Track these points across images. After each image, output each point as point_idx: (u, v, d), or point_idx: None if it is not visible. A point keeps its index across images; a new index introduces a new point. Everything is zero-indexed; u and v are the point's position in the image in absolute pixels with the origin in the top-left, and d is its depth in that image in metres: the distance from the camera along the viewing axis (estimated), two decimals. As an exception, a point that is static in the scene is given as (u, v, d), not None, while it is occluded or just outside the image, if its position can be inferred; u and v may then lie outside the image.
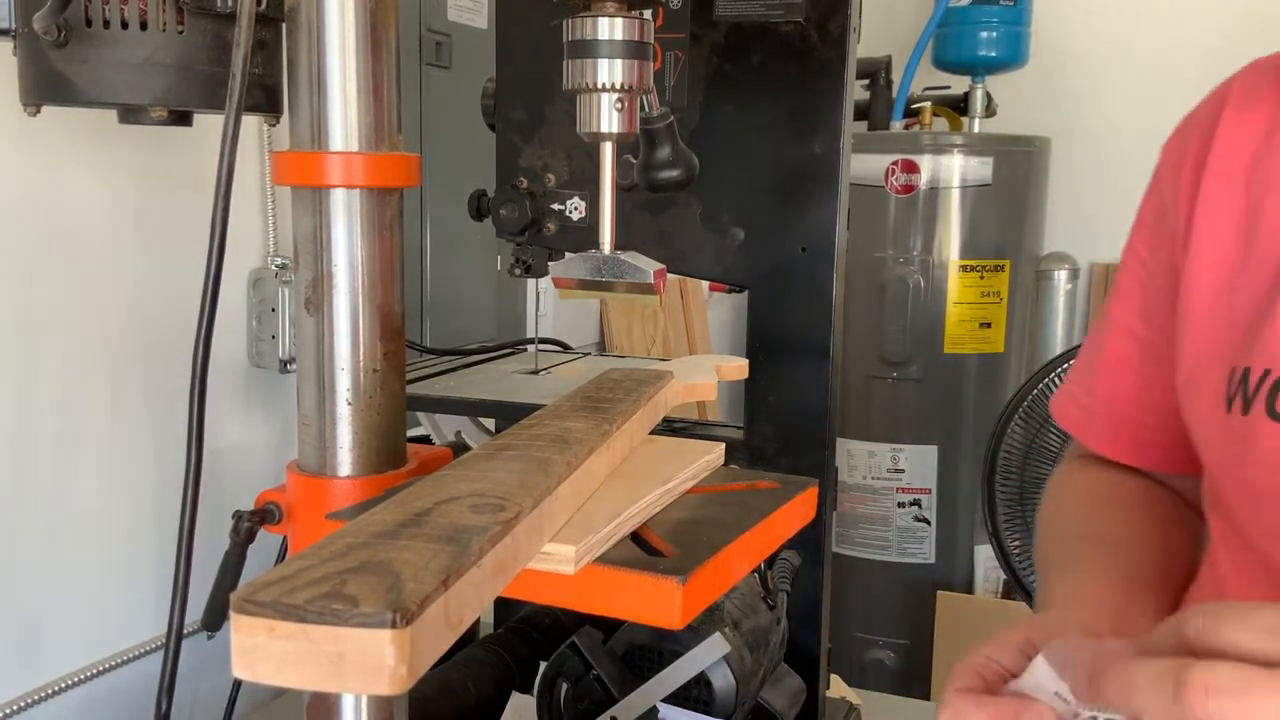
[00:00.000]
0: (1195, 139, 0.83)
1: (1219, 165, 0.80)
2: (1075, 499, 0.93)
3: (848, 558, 2.63)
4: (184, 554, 0.76)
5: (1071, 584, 0.79)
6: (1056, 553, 0.86)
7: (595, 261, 0.84)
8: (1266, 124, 0.79)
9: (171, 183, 1.29)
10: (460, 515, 0.53)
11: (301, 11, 0.73)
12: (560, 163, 1.14)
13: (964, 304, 2.51)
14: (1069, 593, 0.78)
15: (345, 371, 0.76)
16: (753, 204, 1.10)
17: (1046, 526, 0.93)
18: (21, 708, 1.17)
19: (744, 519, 0.68)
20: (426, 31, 1.69)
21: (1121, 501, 0.89)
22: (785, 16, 1.07)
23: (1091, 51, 2.83)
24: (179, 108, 0.86)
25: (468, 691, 1.06)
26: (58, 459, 1.20)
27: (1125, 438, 0.90)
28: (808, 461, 1.11)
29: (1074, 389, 0.94)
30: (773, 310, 1.12)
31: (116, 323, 1.25)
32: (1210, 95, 0.85)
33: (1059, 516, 0.92)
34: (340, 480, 0.76)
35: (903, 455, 2.57)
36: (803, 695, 1.11)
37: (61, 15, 0.80)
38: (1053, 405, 0.97)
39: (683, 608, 0.58)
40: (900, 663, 2.64)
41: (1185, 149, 0.84)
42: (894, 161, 2.50)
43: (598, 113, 0.79)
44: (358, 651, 0.41)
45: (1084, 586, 0.78)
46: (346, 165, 0.73)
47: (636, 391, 0.80)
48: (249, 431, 1.44)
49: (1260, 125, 0.79)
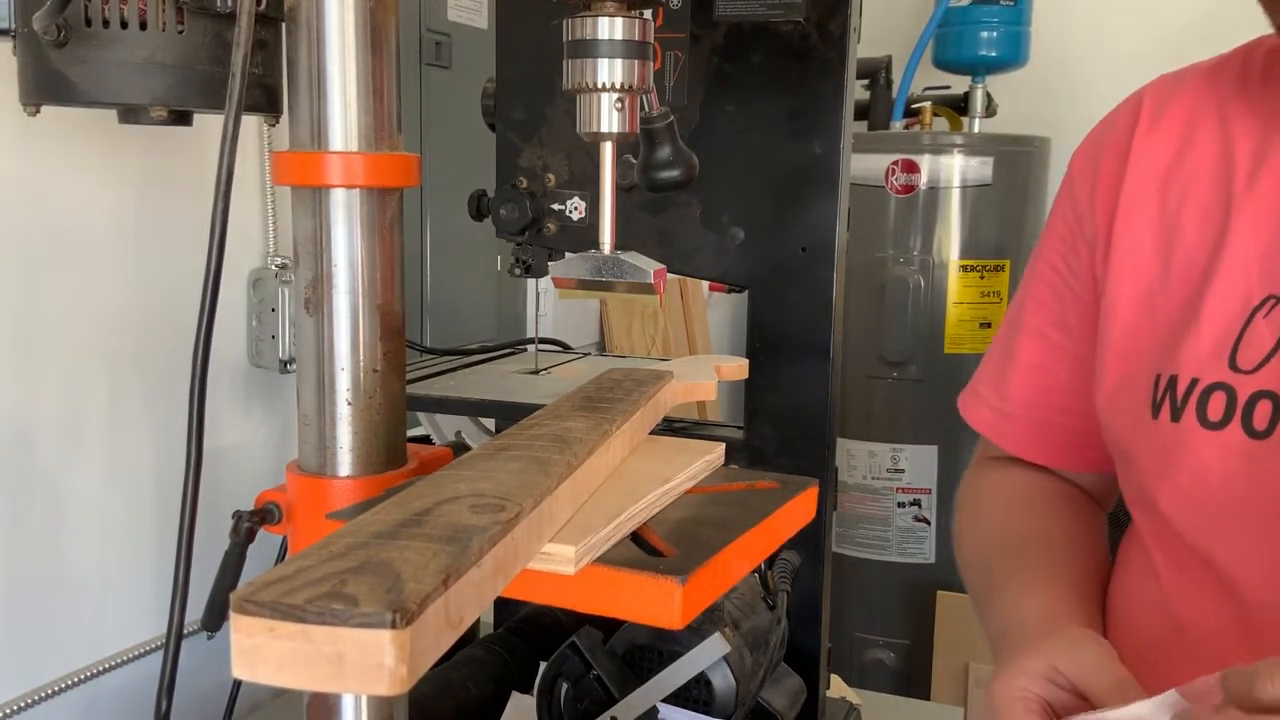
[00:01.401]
0: (1111, 152, 0.86)
1: (1134, 182, 0.83)
2: (995, 504, 0.96)
3: (848, 558, 2.63)
4: (184, 554, 0.76)
5: (1039, 599, 0.81)
6: (998, 562, 0.89)
7: (595, 261, 0.83)
8: (1176, 140, 0.82)
9: (171, 183, 1.29)
10: (460, 515, 0.53)
11: (301, 11, 0.72)
12: (560, 163, 1.14)
13: (964, 304, 2.51)
14: (1040, 606, 0.80)
15: (345, 371, 0.76)
16: (753, 204, 1.10)
17: (973, 533, 0.96)
18: (22, 708, 1.17)
19: (744, 519, 0.68)
20: (426, 31, 1.69)
21: (1041, 505, 0.93)
22: (785, 16, 1.07)
23: (1091, 51, 2.82)
24: (179, 108, 0.86)
25: (468, 691, 1.06)
26: (58, 459, 1.20)
27: (1039, 440, 0.94)
28: (808, 461, 1.11)
29: (984, 392, 0.98)
30: (773, 310, 1.12)
31: (116, 323, 1.25)
32: (1121, 107, 0.89)
33: (985, 523, 0.95)
34: (340, 480, 0.76)
35: (903, 455, 2.57)
36: (803, 695, 1.11)
37: (61, 15, 0.80)
38: (962, 407, 1.00)
39: (683, 608, 0.58)
40: (900, 663, 2.64)
41: (1100, 162, 0.86)
42: (894, 161, 2.50)
43: (598, 113, 0.78)
44: (358, 651, 0.41)
45: (1054, 601, 0.81)
46: (346, 165, 0.73)
47: (636, 391, 0.80)
48: (249, 431, 1.44)
49: (1170, 141, 0.82)
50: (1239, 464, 0.73)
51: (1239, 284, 0.75)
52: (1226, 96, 0.81)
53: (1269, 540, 0.72)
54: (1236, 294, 0.75)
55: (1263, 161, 0.77)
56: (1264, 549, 0.72)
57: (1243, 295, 0.75)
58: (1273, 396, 0.72)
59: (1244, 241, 0.76)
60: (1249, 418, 0.73)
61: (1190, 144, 0.82)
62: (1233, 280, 0.76)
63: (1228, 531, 0.75)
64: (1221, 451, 0.73)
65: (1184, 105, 0.83)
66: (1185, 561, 0.78)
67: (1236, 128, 0.80)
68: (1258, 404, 0.72)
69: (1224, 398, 0.74)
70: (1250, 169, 0.77)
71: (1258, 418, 0.72)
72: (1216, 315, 0.76)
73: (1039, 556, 0.86)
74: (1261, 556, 0.73)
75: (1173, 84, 0.86)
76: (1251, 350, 0.73)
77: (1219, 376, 0.74)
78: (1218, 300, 0.76)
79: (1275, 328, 0.73)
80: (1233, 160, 0.79)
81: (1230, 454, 0.73)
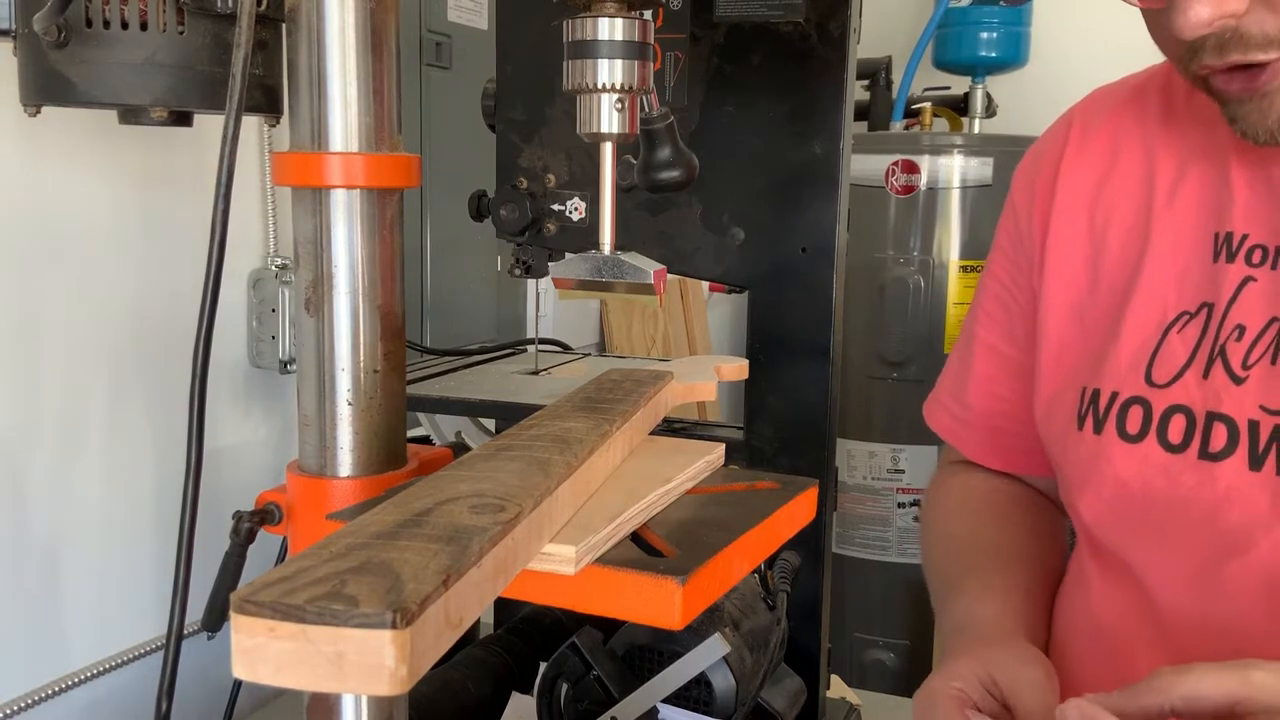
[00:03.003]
0: (1046, 169, 0.88)
1: (1064, 199, 0.86)
2: (959, 509, 0.99)
3: (848, 558, 2.62)
4: (184, 554, 0.76)
5: (992, 603, 0.84)
6: (957, 565, 0.92)
7: (595, 262, 0.83)
8: (1104, 158, 0.85)
9: (171, 183, 1.29)
10: (460, 515, 0.53)
11: (301, 12, 0.72)
12: (560, 163, 1.14)
13: (964, 304, 2.51)
14: (993, 611, 0.83)
15: (345, 372, 0.76)
16: (753, 204, 1.10)
17: (934, 536, 0.99)
18: (22, 708, 1.17)
19: (744, 519, 0.68)
20: (426, 32, 1.69)
21: (996, 511, 0.96)
22: (785, 17, 1.07)
23: (1091, 51, 2.82)
24: (179, 108, 0.86)
25: (468, 691, 1.06)
26: (58, 459, 1.20)
27: (996, 446, 0.98)
28: (808, 462, 1.11)
29: (945, 400, 1.01)
30: (773, 310, 1.12)
31: (117, 323, 1.25)
32: (1055, 124, 0.92)
33: (943, 526, 0.98)
34: (340, 480, 0.76)
35: (903, 455, 2.57)
36: (803, 695, 1.11)
37: (61, 16, 0.80)
38: (926, 413, 1.04)
39: (683, 608, 0.58)
40: (900, 663, 2.64)
41: (1036, 179, 0.89)
42: (894, 162, 2.50)
43: (598, 113, 0.78)
44: (358, 652, 0.41)
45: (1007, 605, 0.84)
46: (347, 166, 0.73)
47: (636, 392, 0.80)
48: (249, 431, 1.44)
49: (1099, 159, 0.85)
50: (1156, 476, 0.75)
51: (1156, 300, 0.78)
52: (1150, 121, 0.84)
53: (1183, 551, 0.74)
54: (1153, 310, 0.78)
55: (1182, 181, 0.79)
56: (1179, 559, 0.75)
57: (1159, 311, 0.78)
58: (1186, 411, 0.74)
59: (1162, 259, 0.79)
60: (1164, 431, 0.75)
61: (1115, 163, 0.84)
62: (1151, 296, 0.78)
63: (1146, 541, 0.77)
64: (1140, 464, 0.76)
65: (1110, 126, 0.86)
66: (1108, 568, 0.81)
67: (1159, 149, 0.82)
68: (1172, 418, 0.75)
69: (1141, 411, 0.76)
70: (1170, 189, 0.80)
71: (1172, 431, 0.75)
72: (1134, 331, 0.78)
73: (992, 563, 0.89)
74: (1177, 567, 0.75)
75: (1101, 102, 0.88)
76: (1165, 365, 0.76)
77: (1136, 390, 0.77)
78: (1136, 316, 0.78)
79: (1188, 343, 0.75)
80: (1154, 180, 0.81)
81: (1148, 466, 0.76)
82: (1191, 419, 0.74)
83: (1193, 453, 0.74)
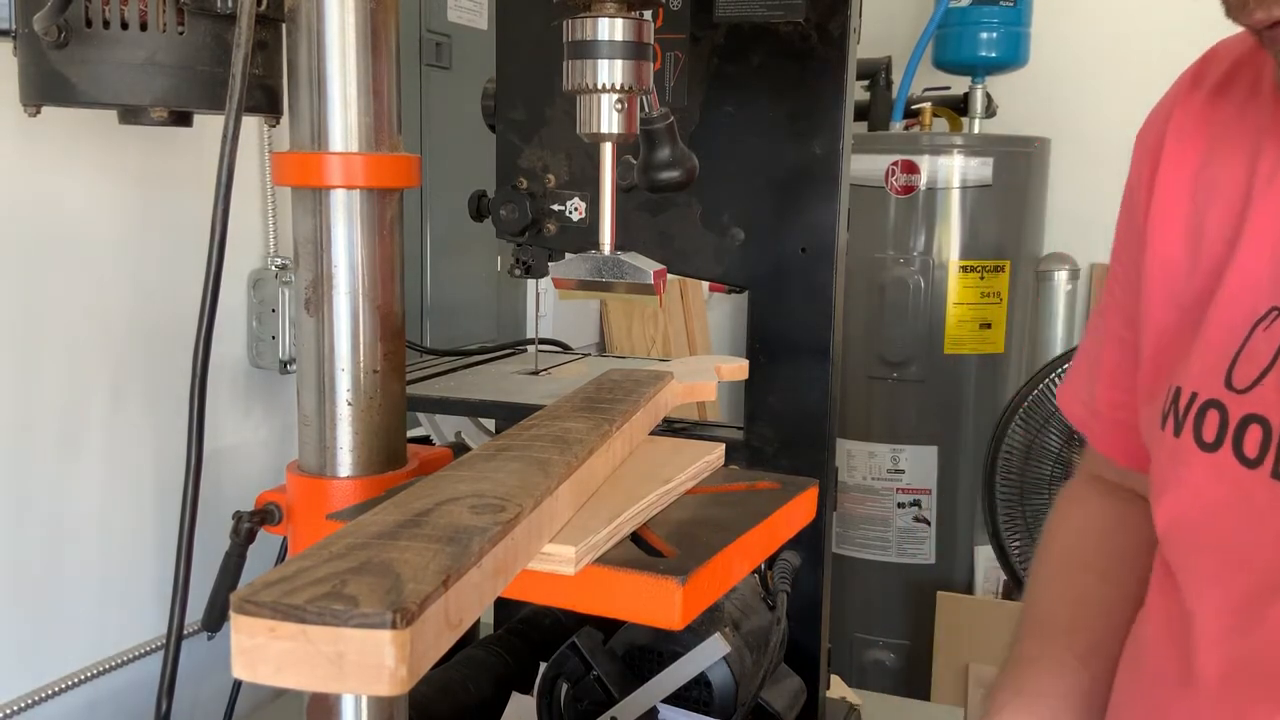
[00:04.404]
0: (1154, 131, 0.80)
1: (1169, 171, 0.77)
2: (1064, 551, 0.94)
3: (848, 558, 2.63)
4: (184, 554, 0.76)
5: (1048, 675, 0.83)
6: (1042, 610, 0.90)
7: (595, 262, 0.84)
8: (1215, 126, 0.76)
9: (171, 183, 1.29)
10: (460, 516, 0.53)
11: (301, 12, 0.73)
12: (560, 163, 1.14)
13: (964, 304, 2.51)
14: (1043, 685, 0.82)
15: (345, 372, 0.76)
16: (753, 204, 1.10)
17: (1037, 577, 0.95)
18: (22, 708, 1.17)
19: (744, 519, 0.68)
20: (426, 32, 1.69)
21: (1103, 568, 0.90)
22: (785, 17, 1.07)
23: (1091, 51, 2.82)
24: (179, 108, 0.86)
25: (468, 691, 1.06)
26: (58, 459, 1.20)
27: (1121, 441, 0.89)
28: (807, 462, 1.11)
29: (1077, 387, 0.93)
30: (773, 310, 1.12)
31: (117, 322, 1.25)
32: (1176, 83, 0.81)
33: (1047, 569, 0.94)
34: (340, 481, 0.76)
35: (903, 456, 2.57)
36: (803, 695, 1.11)
37: (62, 16, 0.80)
38: (1060, 398, 0.96)
39: (683, 608, 0.58)
40: (900, 663, 2.64)
41: (1147, 141, 0.81)
42: (894, 162, 2.50)
43: (598, 113, 0.79)
44: (358, 652, 0.41)
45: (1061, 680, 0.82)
46: (346, 166, 0.73)
47: (636, 392, 0.80)
48: (249, 432, 1.44)
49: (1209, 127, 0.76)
50: (1228, 491, 0.67)
51: (1247, 292, 0.69)
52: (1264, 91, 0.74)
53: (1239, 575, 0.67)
54: (1243, 302, 0.69)
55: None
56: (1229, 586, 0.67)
57: (1249, 304, 0.68)
58: (1262, 421, 0.65)
59: (1257, 245, 0.69)
60: (1240, 442, 0.66)
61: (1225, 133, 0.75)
62: (1241, 287, 0.69)
63: (1201, 560, 0.70)
64: (1214, 475, 0.68)
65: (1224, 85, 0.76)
66: (1159, 585, 0.75)
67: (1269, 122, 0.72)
68: (1248, 428, 0.66)
69: (1218, 417, 0.68)
70: (1272, 166, 0.70)
71: (1248, 444, 0.66)
72: (1220, 324, 0.69)
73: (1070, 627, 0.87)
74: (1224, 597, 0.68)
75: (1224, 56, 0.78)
76: (1247, 366, 0.67)
77: (1214, 394, 0.69)
78: (1224, 308, 0.70)
79: (1273, 343, 0.66)
80: (1258, 155, 0.72)
81: (1222, 480, 0.67)
82: (1268, 431, 0.65)
83: (1266, 469, 0.64)
